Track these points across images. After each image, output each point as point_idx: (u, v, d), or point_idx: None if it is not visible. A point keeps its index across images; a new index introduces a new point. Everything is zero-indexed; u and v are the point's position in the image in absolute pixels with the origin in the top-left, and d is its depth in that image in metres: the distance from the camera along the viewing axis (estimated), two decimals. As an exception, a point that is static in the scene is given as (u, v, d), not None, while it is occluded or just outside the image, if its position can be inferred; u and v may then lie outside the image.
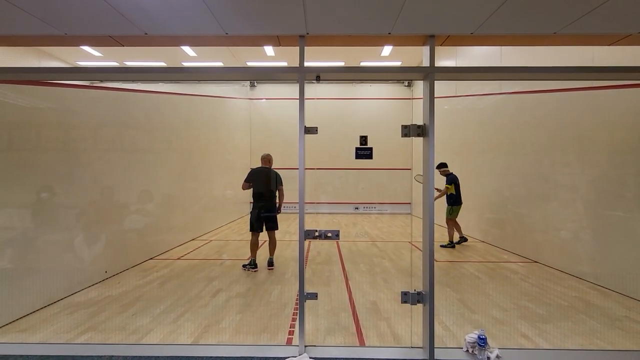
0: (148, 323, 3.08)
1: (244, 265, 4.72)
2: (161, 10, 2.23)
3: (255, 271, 4.59)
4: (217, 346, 2.65)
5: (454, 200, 6.07)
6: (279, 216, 4.81)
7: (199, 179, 7.10)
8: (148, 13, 2.25)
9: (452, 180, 6.07)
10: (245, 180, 4.68)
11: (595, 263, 4.17)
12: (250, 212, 4.71)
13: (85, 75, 3.33)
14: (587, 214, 4.31)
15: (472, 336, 2.56)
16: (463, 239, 6.20)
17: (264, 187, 4.66)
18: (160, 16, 2.29)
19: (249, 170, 4.74)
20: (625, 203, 3.81)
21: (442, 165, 6.12)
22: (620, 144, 3.89)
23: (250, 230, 4.69)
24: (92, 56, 9.33)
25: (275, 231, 4.77)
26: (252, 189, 4.68)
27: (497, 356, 2.45)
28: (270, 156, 4.86)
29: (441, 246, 6.02)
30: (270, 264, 4.73)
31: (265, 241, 4.91)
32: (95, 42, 2.74)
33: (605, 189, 4.05)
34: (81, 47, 6.93)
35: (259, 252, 4.81)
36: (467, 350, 2.55)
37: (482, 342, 2.48)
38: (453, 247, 6.03)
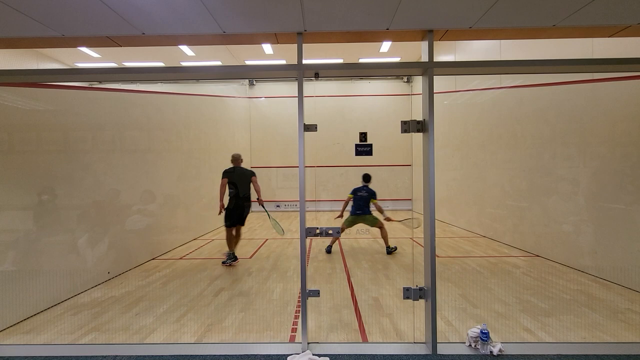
0: (151, 323, 3.10)
1: (224, 262, 4.84)
2: (158, 10, 2.22)
3: (237, 262, 4.87)
4: (220, 344, 2.67)
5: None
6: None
7: (199, 178, 7.10)
8: (145, 13, 2.24)
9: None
10: (225, 177, 4.89)
11: (597, 256, 4.17)
12: (226, 209, 4.94)
13: (84, 76, 3.31)
14: (589, 206, 4.30)
15: (475, 330, 2.57)
16: (394, 248, 5.50)
17: (243, 185, 5.00)
18: (158, 16, 2.29)
19: (224, 170, 4.94)
20: (626, 195, 3.80)
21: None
22: (621, 136, 3.88)
23: (226, 227, 4.97)
24: (90, 57, 9.30)
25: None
26: (229, 188, 4.94)
27: (500, 350, 2.47)
28: (241, 155, 5.15)
29: (388, 253, 5.39)
30: (234, 257, 4.95)
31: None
32: (93, 43, 2.74)
33: (606, 182, 4.04)
34: (79, 48, 6.91)
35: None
36: (470, 345, 2.56)
37: (484, 336, 2.49)
38: (395, 249, 5.46)
